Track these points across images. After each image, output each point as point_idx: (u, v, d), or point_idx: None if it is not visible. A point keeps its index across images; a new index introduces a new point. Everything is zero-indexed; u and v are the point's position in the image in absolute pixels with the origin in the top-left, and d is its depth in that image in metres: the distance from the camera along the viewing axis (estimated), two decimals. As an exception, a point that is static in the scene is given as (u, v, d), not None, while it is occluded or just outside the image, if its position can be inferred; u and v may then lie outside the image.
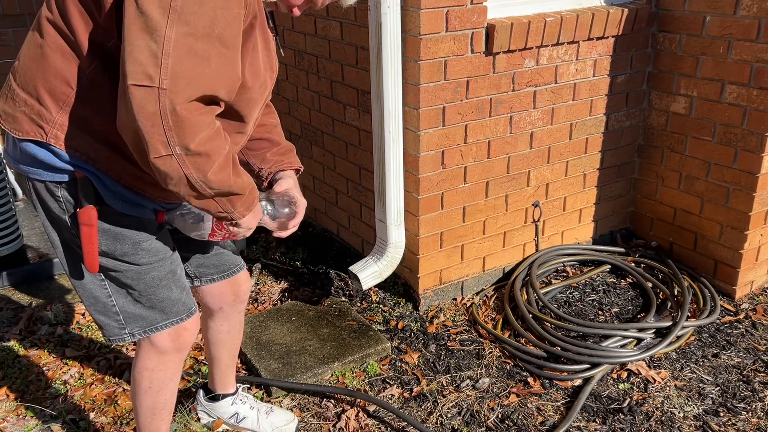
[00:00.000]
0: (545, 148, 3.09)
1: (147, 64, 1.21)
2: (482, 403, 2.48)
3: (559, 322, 2.81)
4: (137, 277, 1.62)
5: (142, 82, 1.21)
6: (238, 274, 2.02)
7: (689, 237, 3.27)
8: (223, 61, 1.27)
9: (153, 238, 1.62)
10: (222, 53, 1.26)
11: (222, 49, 1.26)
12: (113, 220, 1.53)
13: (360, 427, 2.37)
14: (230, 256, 1.99)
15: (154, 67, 1.21)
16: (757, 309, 3.04)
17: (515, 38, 2.73)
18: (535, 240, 3.28)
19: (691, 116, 3.11)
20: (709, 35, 2.94)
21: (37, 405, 2.43)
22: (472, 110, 2.79)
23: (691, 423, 2.38)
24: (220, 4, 1.25)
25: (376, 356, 2.71)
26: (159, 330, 1.71)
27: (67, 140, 1.42)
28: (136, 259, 1.60)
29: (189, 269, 1.92)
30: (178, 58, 1.22)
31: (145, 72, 1.21)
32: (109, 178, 1.47)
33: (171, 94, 1.22)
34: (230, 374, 2.25)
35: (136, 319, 1.68)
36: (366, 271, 2.95)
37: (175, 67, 1.22)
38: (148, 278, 1.64)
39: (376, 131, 2.77)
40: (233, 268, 2.00)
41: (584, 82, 3.07)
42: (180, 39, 1.22)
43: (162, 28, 1.20)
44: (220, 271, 1.97)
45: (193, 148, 1.28)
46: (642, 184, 3.45)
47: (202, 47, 1.23)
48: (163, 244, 1.65)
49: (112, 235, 1.54)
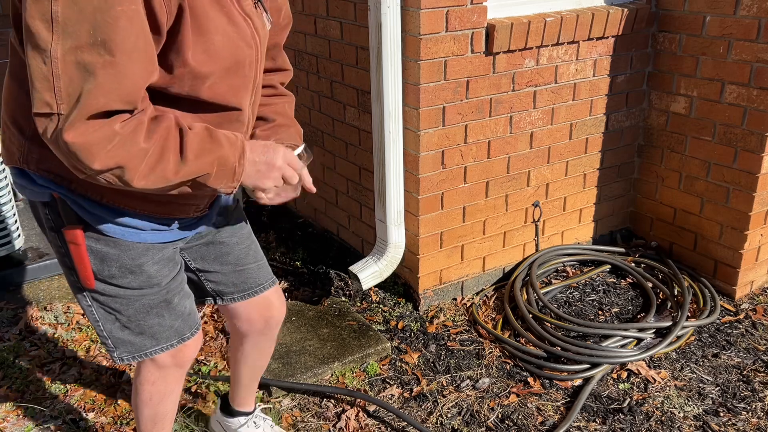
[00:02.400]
0: (545, 148, 3.09)
1: (42, 90, 1.12)
2: (482, 403, 2.48)
3: (559, 322, 2.81)
4: (126, 303, 1.53)
5: (43, 110, 1.13)
6: (266, 294, 1.84)
7: (689, 237, 3.27)
8: (110, 71, 1.13)
9: (147, 264, 1.50)
10: (108, 62, 1.12)
11: (107, 57, 1.12)
12: (100, 239, 1.44)
13: (360, 427, 2.37)
14: (255, 273, 1.81)
15: (49, 93, 1.12)
16: (757, 309, 3.04)
17: (515, 38, 2.73)
18: (535, 240, 3.28)
19: (691, 116, 3.11)
20: (709, 35, 2.94)
21: (37, 405, 2.43)
22: (472, 110, 2.79)
23: (691, 423, 2.38)
24: (98, 5, 1.10)
25: (376, 356, 2.71)
26: (149, 356, 1.61)
27: (39, 163, 1.37)
28: (125, 283, 1.50)
29: (208, 286, 1.78)
30: (68, 78, 1.11)
31: (42, 99, 1.12)
32: (87, 199, 1.39)
33: (63, 120, 1.13)
34: (249, 394, 2.13)
35: (124, 343, 1.58)
36: (366, 271, 2.95)
37: (68, 88, 1.12)
38: (138, 305, 1.54)
39: (376, 131, 2.77)
40: (256, 287, 1.82)
41: (584, 82, 3.07)
42: (67, 56, 1.10)
43: (48, 46, 1.10)
44: (241, 290, 1.81)
45: (99, 168, 1.18)
46: (642, 184, 3.45)
47: (88, 59, 1.11)
48: (159, 268, 1.53)
49: (99, 256, 1.46)
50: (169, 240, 1.54)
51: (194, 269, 1.75)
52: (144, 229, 1.47)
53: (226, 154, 1.32)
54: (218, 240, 1.73)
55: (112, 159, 1.18)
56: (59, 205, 1.41)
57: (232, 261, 1.76)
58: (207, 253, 1.73)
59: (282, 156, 1.42)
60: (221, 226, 1.73)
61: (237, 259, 1.77)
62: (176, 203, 1.49)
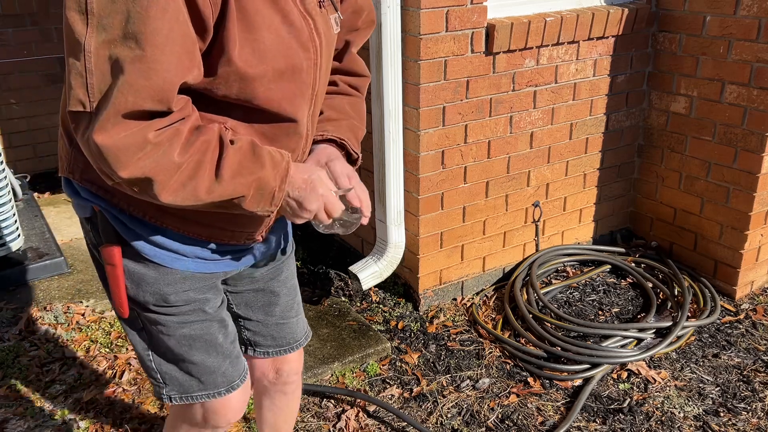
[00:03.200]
0: (545, 148, 3.09)
1: (76, 87, 1.05)
2: (482, 404, 2.48)
3: (559, 322, 2.81)
4: (166, 332, 1.40)
5: (76, 108, 1.06)
6: (287, 356, 1.73)
7: (689, 237, 3.26)
8: (139, 66, 1.03)
9: (186, 291, 1.39)
10: (137, 57, 1.03)
11: (138, 51, 1.03)
12: (138, 260, 1.33)
13: (360, 427, 2.37)
14: (294, 328, 1.71)
15: (83, 89, 1.04)
16: (758, 309, 3.04)
17: (515, 38, 2.73)
18: (535, 240, 3.28)
19: (691, 116, 3.11)
20: (709, 35, 2.94)
21: (37, 405, 2.43)
22: (472, 110, 2.79)
23: (692, 423, 2.37)
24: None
25: (376, 356, 2.71)
26: (195, 400, 1.48)
27: (83, 173, 1.28)
28: (162, 311, 1.38)
29: (245, 334, 1.67)
30: (101, 73, 1.04)
31: (76, 96, 1.05)
32: (126, 214, 1.29)
33: (94, 119, 1.05)
34: None
35: (173, 380, 1.46)
36: (366, 271, 2.95)
37: (100, 85, 1.04)
38: (179, 335, 1.41)
39: (376, 131, 2.77)
40: (293, 344, 1.71)
41: (584, 82, 3.07)
42: (100, 50, 1.03)
43: (83, 40, 1.03)
44: (278, 345, 1.70)
45: (127, 176, 1.08)
46: (642, 184, 3.45)
47: (119, 53, 1.03)
48: (200, 295, 1.41)
49: (136, 279, 1.35)
50: (213, 271, 1.42)
51: (236, 314, 1.63)
52: (188, 255, 1.36)
53: (267, 177, 1.19)
54: (269, 288, 1.61)
55: (141, 169, 1.08)
56: (99, 220, 1.32)
57: (278, 313, 1.65)
58: (254, 300, 1.61)
59: (322, 181, 1.27)
60: (273, 270, 1.60)
61: (282, 312, 1.66)
62: (224, 228, 1.36)
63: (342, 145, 1.45)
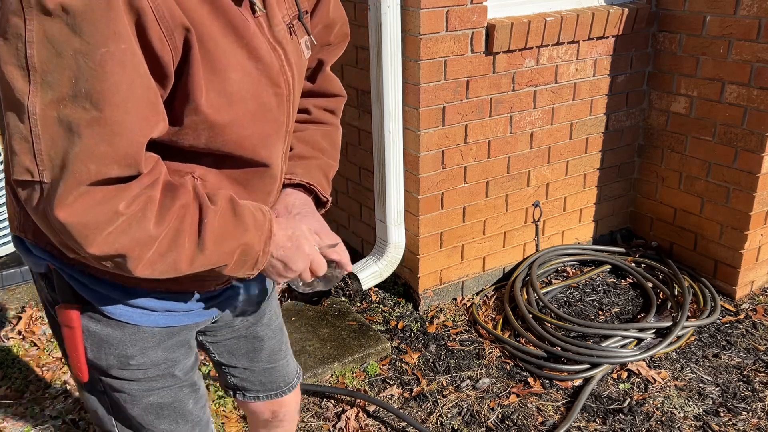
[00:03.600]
0: (545, 148, 3.09)
1: (21, 153, 0.90)
2: (482, 404, 2.48)
3: (559, 322, 2.81)
4: (131, 400, 1.25)
5: (23, 177, 0.91)
6: (283, 398, 1.61)
7: (689, 237, 3.26)
8: (98, 130, 0.90)
9: (154, 351, 1.23)
10: (95, 119, 0.89)
11: (94, 113, 0.89)
12: (100, 320, 1.18)
13: (360, 427, 2.37)
14: (283, 371, 1.59)
15: (28, 156, 0.90)
16: (758, 309, 3.04)
17: (515, 38, 2.72)
18: (535, 240, 3.28)
19: (691, 116, 3.11)
20: (709, 35, 2.94)
21: (37, 405, 2.43)
22: (472, 110, 2.79)
23: (692, 423, 2.37)
24: (79, 47, 0.87)
25: (376, 356, 2.71)
26: None
27: (36, 232, 1.14)
28: (126, 376, 1.22)
29: (231, 380, 1.55)
30: (50, 138, 0.89)
31: (22, 164, 0.91)
32: (82, 273, 1.14)
33: (51, 191, 0.91)
34: None
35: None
36: (366, 271, 2.95)
37: (50, 152, 0.89)
38: (145, 403, 1.26)
39: (376, 131, 2.77)
40: (283, 387, 1.59)
41: (584, 82, 3.07)
42: (47, 111, 0.88)
43: (25, 99, 0.88)
44: (267, 390, 1.57)
45: (98, 253, 0.95)
46: (642, 184, 3.45)
47: (71, 115, 0.89)
48: (169, 355, 1.25)
49: (97, 341, 1.19)
50: (184, 323, 1.27)
51: (218, 362, 1.52)
52: (157, 310, 1.21)
53: (251, 241, 1.08)
54: (252, 334, 1.49)
55: (112, 245, 0.95)
56: (55, 278, 1.18)
57: (264, 358, 1.53)
58: (237, 348, 1.49)
59: (307, 238, 1.18)
60: (253, 314, 1.47)
61: (269, 356, 1.54)
62: (195, 278, 1.20)
63: (311, 190, 1.34)
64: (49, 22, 0.86)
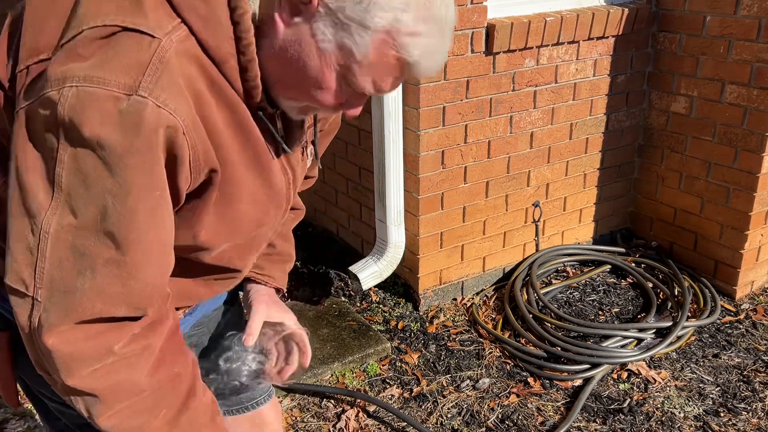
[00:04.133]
0: (545, 148, 3.09)
1: (21, 262, 0.86)
2: (482, 404, 2.47)
3: (559, 322, 2.81)
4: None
5: (16, 285, 0.87)
6: (260, 410, 1.51)
7: (689, 237, 3.26)
8: (116, 271, 0.86)
9: None
10: (114, 260, 0.86)
11: (115, 254, 0.86)
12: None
13: (360, 427, 2.37)
14: (249, 390, 1.50)
15: (28, 269, 0.86)
16: (758, 309, 3.04)
17: (515, 38, 2.72)
18: (536, 240, 3.28)
19: (691, 116, 3.10)
20: (710, 35, 2.93)
21: (36, 405, 2.43)
22: (472, 110, 2.79)
23: (692, 423, 2.37)
24: (111, 188, 0.83)
25: (376, 356, 2.71)
26: None
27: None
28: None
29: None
30: (57, 261, 0.85)
31: (18, 273, 0.86)
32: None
33: (44, 312, 0.86)
34: None
35: None
36: (366, 271, 2.95)
37: (52, 273, 0.85)
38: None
39: (376, 131, 2.77)
40: (249, 402, 1.50)
41: (584, 82, 3.07)
42: (61, 233, 0.84)
43: (41, 213, 0.84)
44: (235, 404, 1.48)
45: (72, 386, 0.88)
46: (642, 184, 3.45)
47: (90, 248, 0.85)
48: None
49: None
50: None
51: None
52: None
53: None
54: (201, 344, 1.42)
55: (92, 383, 0.88)
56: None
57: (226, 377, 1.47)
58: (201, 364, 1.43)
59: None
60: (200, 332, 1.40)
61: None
62: None
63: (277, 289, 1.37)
64: (82, 151, 0.82)
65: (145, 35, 0.84)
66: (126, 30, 0.84)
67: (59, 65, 0.83)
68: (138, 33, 0.84)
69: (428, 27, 0.92)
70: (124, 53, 0.83)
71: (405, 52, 0.90)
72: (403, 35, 0.88)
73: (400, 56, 0.90)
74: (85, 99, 0.81)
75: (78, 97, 0.81)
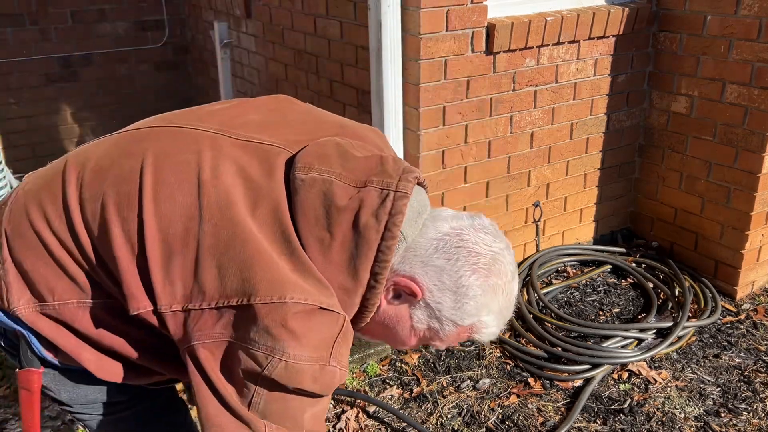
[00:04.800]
0: (546, 147, 3.09)
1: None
2: (482, 404, 2.47)
3: (559, 322, 2.81)
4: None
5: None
6: None
7: (690, 237, 3.26)
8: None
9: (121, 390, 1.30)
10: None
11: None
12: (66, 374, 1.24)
13: (360, 427, 2.36)
14: None
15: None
16: (758, 309, 3.04)
17: (516, 38, 2.72)
18: (536, 240, 3.27)
19: (691, 116, 3.10)
20: (710, 35, 2.93)
21: (36, 406, 2.42)
22: (473, 110, 2.78)
23: (692, 423, 2.37)
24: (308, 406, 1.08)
25: (376, 357, 2.71)
26: None
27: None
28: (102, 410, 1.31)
29: None
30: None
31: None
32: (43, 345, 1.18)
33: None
34: None
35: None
36: (366, 271, 2.94)
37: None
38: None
39: (376, 131, 2.76)
40: None
41: (585, 82, 3.06)
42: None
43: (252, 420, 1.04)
44: None
45: None
46: (642, 184, 3.45)
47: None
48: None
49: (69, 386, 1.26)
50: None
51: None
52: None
53: None
54: None
55: None
56: (21, 343, 1.20)
57: None
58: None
59: None
60: None
61: None
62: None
63: None
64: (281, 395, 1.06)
65: (335, 313, 1.03)
66: (322, 309, 1.01)
67: (267, 333, 0.99)
68: (331, 312, 1.03)
69: (499, 321, 1.15)
70: (321, 329, 1.02)
71: (477, 336, 1.15)
72: (481, 330, 1.13)
73: (473, 336, 1.16)
74: (292, 371, 1.01)
75: (287, 369, 1.00)
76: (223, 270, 1.00)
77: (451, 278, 1.07)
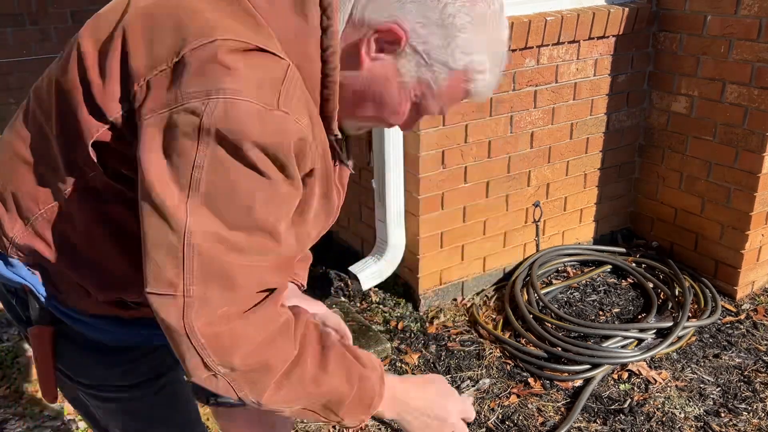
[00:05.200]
0: (546, 147, 3.09)
1: (166, 267, 0.90)
2: (482, 404, 2.47)
3: (559, 322, 2.81)
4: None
5: (163, 290, 0.91)
6: None
7: (690, 237, 3.26)
8: (268, 257, 0.95)
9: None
10: (265, 246, 0.94)
11: (264, 241, 0.94)
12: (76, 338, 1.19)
13: (360, 427, 2.36)
14: None
15: (175, 270, 0.89)
16: (758, 309, 3.04)
17: (515, 37, 2.72)
18: (536, 240, 3.27)
19: (691, 116, 3.10)
20: (710, 35, 2.93)
21: (36, 405, 2.43)
22: (472, 110, 2.78)
23: (692, 423, 2.37)
24: (259, 186, 0.91)
25: (376, 357, 2.70)
26: None
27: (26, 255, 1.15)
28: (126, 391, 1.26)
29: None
30: (207, 258, 0.90)
31: (164, 278, 0.90)
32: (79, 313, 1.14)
33: (199, 306, 0.90)
34: None
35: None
36: (366, 271, 2.94)
37: (203, 268, 0.90)
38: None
39: (376, 131, 2.76)
40: None
41: (585, 82, 3.06)
42: (208, 233, 0.90)
43: (181, 217, 0.88)
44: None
45: (239, 365, 0.94)
46: (642, 184, 3.45)
47: (239, 241, 0.91)
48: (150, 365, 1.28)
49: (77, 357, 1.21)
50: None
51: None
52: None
53: (369, 374, 1.11)
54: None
55: (259, 356, 0.95)
56: (30, 300, 1.16)
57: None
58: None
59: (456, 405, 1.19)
60: None
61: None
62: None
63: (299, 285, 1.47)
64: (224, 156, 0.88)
65: (276, 56, 0.92)
66: (260, 50, 0.91)
67: (198, 76, 0.88)
68: (271, 54, 0.92)
69: (494, 64, 1.04)
70: (260, 68, 0.90)
71: (473, 85, 1.03)
72: (476, 72, 1.02)
73: (468, 88, 1.04)
74: (231, 111, 0.86)
75: (225, 109, 0.86)
76: (154, 41, 0.94)
77: (434, 11, 0.96)
